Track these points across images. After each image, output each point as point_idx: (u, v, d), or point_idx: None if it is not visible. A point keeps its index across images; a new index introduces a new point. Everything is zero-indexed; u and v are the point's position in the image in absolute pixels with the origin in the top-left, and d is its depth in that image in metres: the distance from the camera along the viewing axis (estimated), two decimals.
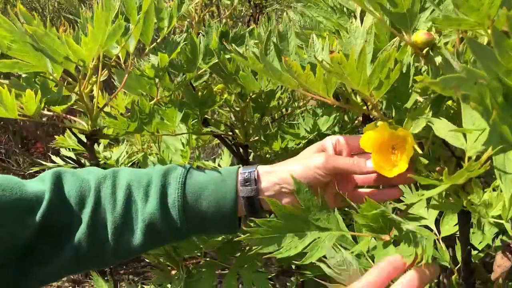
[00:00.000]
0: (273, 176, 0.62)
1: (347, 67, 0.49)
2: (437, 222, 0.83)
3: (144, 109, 0.83)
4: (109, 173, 0.63)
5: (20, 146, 3.27)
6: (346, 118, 1.15)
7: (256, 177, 0.61)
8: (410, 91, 0.57)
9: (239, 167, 0.64)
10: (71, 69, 0.66)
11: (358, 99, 0.63)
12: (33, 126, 3.11)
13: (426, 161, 0.53)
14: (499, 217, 0.48)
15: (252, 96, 0.91)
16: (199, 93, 0.90)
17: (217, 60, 0.83)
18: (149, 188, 0.61)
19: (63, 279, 2.97)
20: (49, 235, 0.58)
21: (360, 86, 0.51)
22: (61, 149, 1.07)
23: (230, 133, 1.10)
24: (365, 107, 0.64)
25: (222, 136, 1.10)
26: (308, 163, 0.59)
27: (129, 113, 0.83)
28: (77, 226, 0.59)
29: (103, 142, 1.13)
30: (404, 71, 0.57)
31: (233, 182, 0.62)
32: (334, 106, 0.62)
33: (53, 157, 1.04)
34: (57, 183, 0.60)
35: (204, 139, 1.35)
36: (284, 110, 1.19)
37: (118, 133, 0.85)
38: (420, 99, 0.57)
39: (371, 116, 0.71)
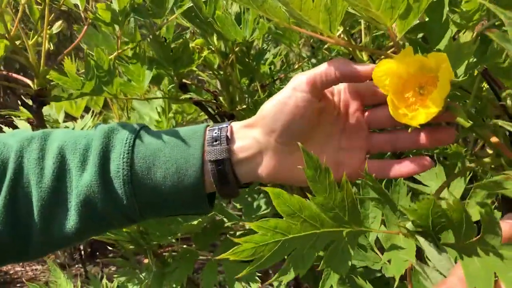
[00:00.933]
0: (252, 131, 0.47)
1: None
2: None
3: (102, 64, 0.67)
4: (38, 134, 0.48)
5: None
6: None
7: (228, 134, 0.47)
8: (443, 27, 0.42)
9: (208, 124, 0.49)
10: None
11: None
12: (15, 103, 2.95)
13: (467, 123, 0.38)
14: None
15: (236, 50, 0.75)
16: (172, 48, 0.74)
17: (191, 4, 0.67)
18: (87, 152, 0.46)
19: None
20: None
21: (381, 11, 0.36)
22: (14, 118, 0.92)
23: (214, 101, 0.94)
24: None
25: (204, 103, 0.95)
26: (287, 88, 0.45)
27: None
28: None
29: (66, 107, 0.97)
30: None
31: (199, 142, 0.47)
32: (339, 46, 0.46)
33: (4, 128, 0.89)
34: None
35: (188, 111, 1.20)
36: (276, 76, 1.03)
37: (71, 95, 0.69)
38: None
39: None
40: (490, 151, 0.43)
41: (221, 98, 0.95)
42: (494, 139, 0.39)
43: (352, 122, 0.47)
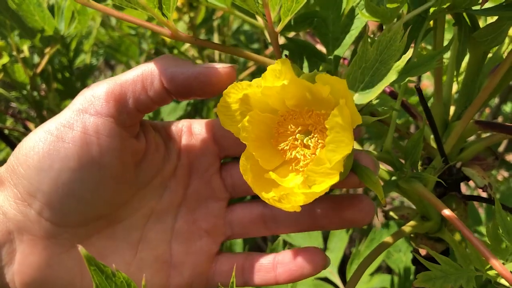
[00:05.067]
0: None
1: None
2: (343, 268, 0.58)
3: None
4: None
5: None
6: None
7: None
8: (349, 17, 0.32)
9: None
10: None
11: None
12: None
13: (382, 196, 0.25)
14: None
15: (50, 52, 0.56)
16: None
17: None
18: None
19: None
20: None
21: None
22: None
23: (23, 129, 0.73)
24: None
25: (6, 134, 0.72)
26: (68, 109, 0.26)
27: None
28: None
29: None
30: None
31: None
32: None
33: None
34: None
35: None
36: None
37: None
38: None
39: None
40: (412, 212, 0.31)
41: (34, 126, 0.73)
42: (448, 213, 0.26)
43: (199, 187, 0.28)
